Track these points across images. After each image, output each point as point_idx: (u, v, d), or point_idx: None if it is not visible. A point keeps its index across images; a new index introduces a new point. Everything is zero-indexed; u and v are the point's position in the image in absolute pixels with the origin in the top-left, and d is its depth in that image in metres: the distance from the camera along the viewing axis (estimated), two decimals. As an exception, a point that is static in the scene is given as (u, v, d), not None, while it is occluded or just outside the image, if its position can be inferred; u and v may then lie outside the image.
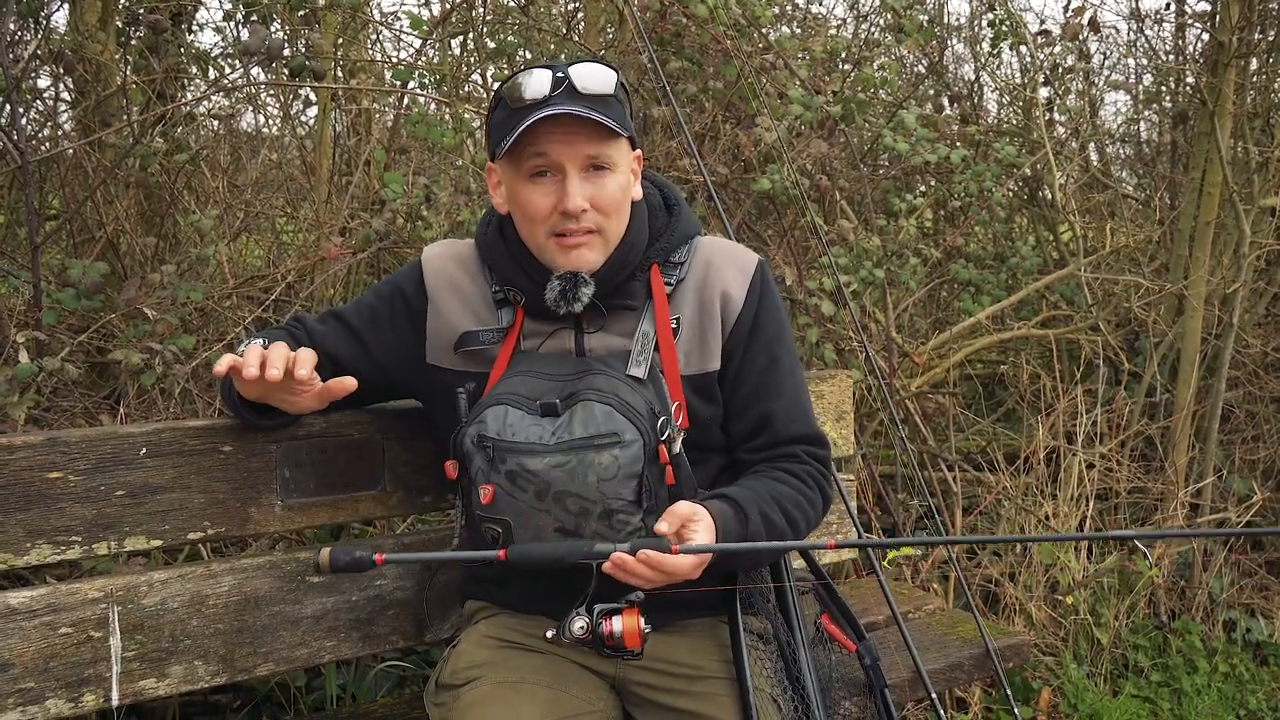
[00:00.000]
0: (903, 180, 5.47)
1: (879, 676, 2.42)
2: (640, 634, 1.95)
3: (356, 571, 2.00)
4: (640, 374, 2.08)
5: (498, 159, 2.10)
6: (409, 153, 4.48)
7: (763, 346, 2.20)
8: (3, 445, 2.03)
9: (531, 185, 2.05)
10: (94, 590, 2.12)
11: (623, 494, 1.97)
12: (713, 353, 2.18)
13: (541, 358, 2.13)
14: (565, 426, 1.97)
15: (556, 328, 2.15)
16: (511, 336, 2.16)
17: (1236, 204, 5.05)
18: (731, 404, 2.21)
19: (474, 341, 2.17)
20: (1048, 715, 3.98)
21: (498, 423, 1.98)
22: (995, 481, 4.60)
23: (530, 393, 2.02)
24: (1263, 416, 5.32)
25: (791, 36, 4.76)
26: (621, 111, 2.06)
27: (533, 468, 1.96)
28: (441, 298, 2.21)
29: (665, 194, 2.28)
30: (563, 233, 2.06)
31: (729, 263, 2.22)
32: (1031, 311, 5.61)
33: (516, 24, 4.77)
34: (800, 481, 2.18)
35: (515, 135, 1.99)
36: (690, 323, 2.18)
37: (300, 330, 2.24)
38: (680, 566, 1.91)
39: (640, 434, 1.97)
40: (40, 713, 2.07)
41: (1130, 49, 6.36)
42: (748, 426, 2.21)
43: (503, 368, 2.13)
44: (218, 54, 4.64)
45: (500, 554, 1.93)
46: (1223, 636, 4.64)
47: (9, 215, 4.30)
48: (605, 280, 2.10)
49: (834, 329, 4.15)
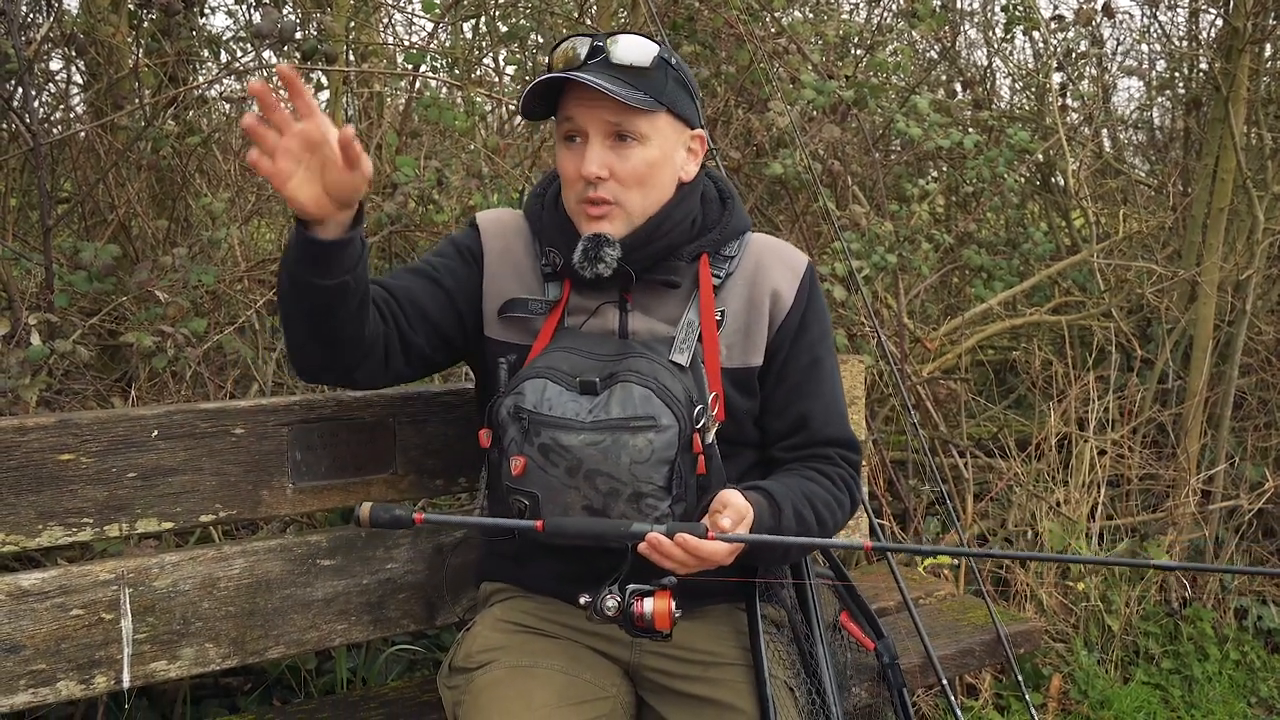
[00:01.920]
0: (915, 165, 5.46)
1: (898, 676, 2.41)
2: (671, 616, 1.95)
3: (395, 528, 1.97)
4: (683, 361, 2.08)
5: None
6: (421, 136, 4.48)
7: (807, 346, 2.21)
8: (15, 427, 2.03)
9: (565, 147, 2.09)
10: (105, 572, 2.13)
11: (654, 478, 1.96)
12: (757, 348, 2.18)
13: (584, 336, 2.13)
14: (603, 406, 1.97)
15: (601, 302, 2.15)
16: (556, 311, 2.16)
17: (1250, 190, 5.03)
18: (771, 400, 2.21)
19: (520, 309, 2.17)
20: (1058, 702, 3.97)
21: (535, 395, 1.99)
22: (1007, 468, 4.59)
23: (571, 369, 2.02)
24: (1275, 403, 5.30)
25: (804, 21, 4.74)
26: (660, 85, 2.06)
27: (567, 443, 1.96)
28: (495, 261, 2.22)
29: (720, 187, 2.28)
30: (589, 199, 2.07)
31: (780, 261, 2.22)
32: (1044, 298, 5.60)
33: (529, 7, 4.76)
34: (832, 483, 2.18)
35: (527, 90, 2.04)
36: (736, 316, 2.18)
37: (380, 288, 2.15)
38: (716, 553, 1.89)
39: (677, 420, 1.97)
40: (51, 694, 2.07)
41: (1144, 34, 6.34)
42: (785, 425, 2.21)
43: (545, 342, 2.13)
44: (230, 37, 4.64)
45: (538, 524, 1.92)
46: (1234, 624, 4.64)
47: (21, 198, 4.30)
48: (634, 249, 2.09)
49: (846, 314, 4.15)
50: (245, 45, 4.52)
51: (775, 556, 2.18)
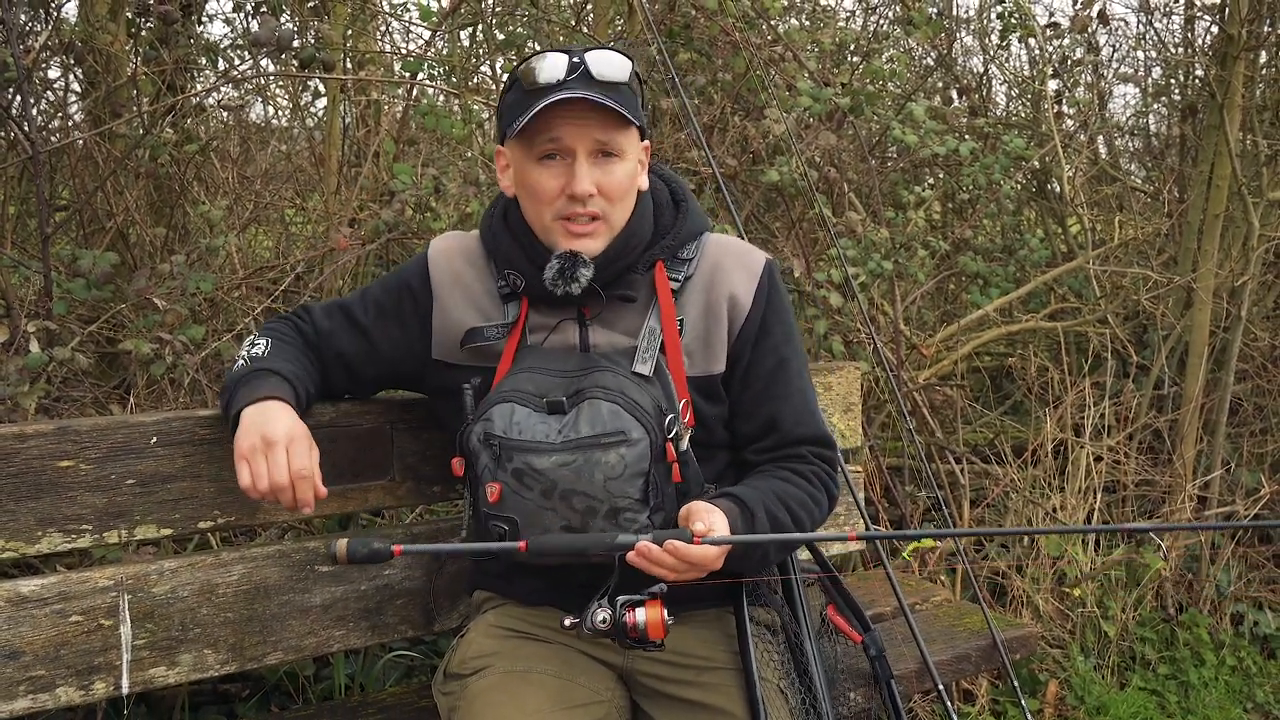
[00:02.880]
0: (911, 172, 5.47)
1: (885, 667, 2.42)
2: (664, 625, 1.95)
3: (374, 563, 1.99)
4: (646, 371, 2.08)
5: (508, 140, 2.10)
6: (418, 144, 4.49)
7: (771, 349, 2.20)
8: (14, 434, 2.04)
9: (541, 167, 2.05)
10: (104, 579, 2.13)
11: (629, 492, 1.97)
12: (718, 356, 2.17)
13: (547, 353, 2.12)
14: (572, 425, 1.97)
15: (561, 319, 2.15)
16: (516, 331, 2.15)
17: (1245, 197, 5.04)
18: (739, 405, 2.20)
19: (479, 338, 2.16)
20: (1054, 707, 3.98)
21: (504, 421, 1.99)
22: (1003, 474, 4.60)
23: (537, 390, 2.02)
24: (1271, 409, 5.32)
25: (800, 28, 4.76)
26: (634, 100, 2.06)
27: (539, 466, 1.96)
28: (447, 293, 2.21)
29: (673, 189, 2.27)
30: (569, 216, 2.06)
31: (737, 264, 2.21)
32: (1040, 304, 5.61)
33: (526, 15, 4.77)
34: (806, 481, 2.18)
35: (529, 115, 1.98)
36: (695, 324, 2.17)
37: (307, 324, 2.24)
38: (705, 556, 1.90)
39: (647, 432, 1.97)
40: (51, 700, 2.08)
41: (1139, 41, 6.35)
42: (755, 428, 2.21)
43: (508, 363, 2.12)
44: (227, 45, 4.65)
45: (520, 545, 1.93)
46: (1230, 629, 4.64)
47: (19, 205, 4.31)
48: (604, 266, 2.09)
49: (842, 321, 4.16)
50: (243, 53, 4.53)
51: (757, 558, 2.16)
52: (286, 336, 2.21)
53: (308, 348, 2.22)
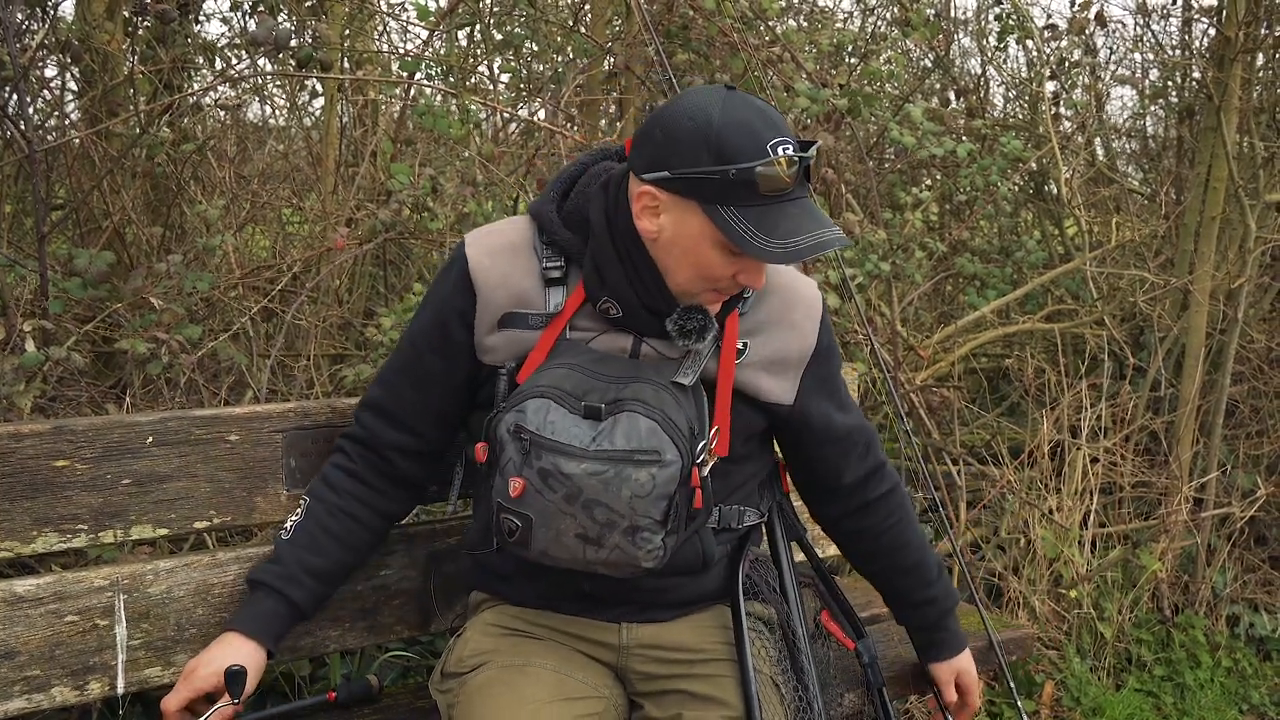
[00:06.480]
0: (909, 174, 5.48)
1: (877, 675, 2.42)
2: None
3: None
4: (686, 382, 2.02)
5: (677, 194, 1.95)
6: (415, 144, 4.48)
7: (834, 387, 2.26)
8: (9, 433, 2.03)
9: (721, 250, 1.96)
10: (100, 578, 2.12)
11: (651, 513, 1.92)
12: (786, 389, 2.17)
13: (590, 352, 2.04)
14: (607, 434, 1.91)
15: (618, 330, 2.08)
16: (558, 322, 2.06)
17: (1242, 199, 5.04)
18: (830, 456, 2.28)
19: (520, 324, 2.08)
20: (1050, 709, 3.98)
21: (538, 417, 1.92)
22: (1000, 475, 4.60)
23: (575, 389, 1.96)
24: (1267, 411, 5.32)
25: (798, 30, 4.76)
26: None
27: (568, 470, 1.90)
28: (489, 294, 2.10)
29: None
30: (718, 290, 2.03)
31: (798, 297, 2.19)
32: (1036, 306, 5.61)
33: (524, 15, 4.77)
34: (902, 509, 2.36)
35: (767, 231, 1.90)
36: (758, 349, 2.13)
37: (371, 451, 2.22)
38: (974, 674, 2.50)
39: (680, 455, 1.92)
40: (46, 700, 2.07)
41: (1137, 44, 6.36)
42: (863, 472, 2.30)
43: (545, 350, 2.05)
44: (224, 44, 4.65)
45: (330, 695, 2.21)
46: (1226, 631, 4.65)
47: (16, 204, 4.31)
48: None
49: (839, 322, 4.15)
50: (240, 52, 4.52)
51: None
52: (325, 499, 2.19)
53: (353, 500, 2.21)
